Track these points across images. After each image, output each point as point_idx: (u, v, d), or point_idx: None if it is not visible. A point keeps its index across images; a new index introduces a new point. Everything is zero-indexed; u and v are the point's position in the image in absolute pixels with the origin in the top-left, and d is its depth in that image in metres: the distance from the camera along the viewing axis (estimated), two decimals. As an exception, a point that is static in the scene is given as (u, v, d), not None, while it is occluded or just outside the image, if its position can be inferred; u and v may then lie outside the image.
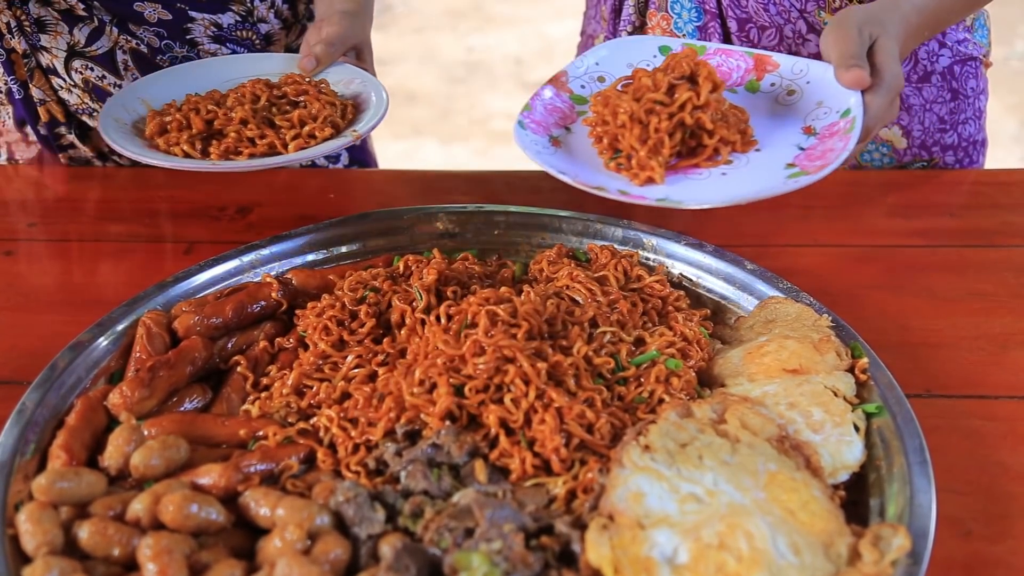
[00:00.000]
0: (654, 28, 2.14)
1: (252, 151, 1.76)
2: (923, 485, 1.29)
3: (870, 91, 1.62)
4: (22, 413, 1.38)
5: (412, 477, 1.29)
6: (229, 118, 1.80)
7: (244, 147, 1.77)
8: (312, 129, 1.78)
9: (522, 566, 1.15)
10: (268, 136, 1.77)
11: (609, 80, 1.73)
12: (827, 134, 1.61)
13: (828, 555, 1.20)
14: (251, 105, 1.82)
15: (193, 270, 1.67)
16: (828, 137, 1.60)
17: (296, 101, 1.88)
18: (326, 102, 1.85)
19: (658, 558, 1.17)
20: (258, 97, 1.86)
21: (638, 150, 1.57)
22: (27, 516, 1.21)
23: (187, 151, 1.76)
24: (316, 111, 1.82)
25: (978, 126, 2.21)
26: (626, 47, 1.79)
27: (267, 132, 1.78)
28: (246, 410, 1.47)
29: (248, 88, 1.88)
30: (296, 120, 1.80)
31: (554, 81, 1.72)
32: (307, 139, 1.78)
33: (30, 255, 1.91)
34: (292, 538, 1.19)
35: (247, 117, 1.78)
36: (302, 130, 1.79)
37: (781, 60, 1.76)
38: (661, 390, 1.42)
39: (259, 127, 1.79)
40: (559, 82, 1.72)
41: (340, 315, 1.56)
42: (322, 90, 1.91)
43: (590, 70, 1.75)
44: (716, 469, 1.28)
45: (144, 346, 1.52)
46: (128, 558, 1.20)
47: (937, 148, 2.17)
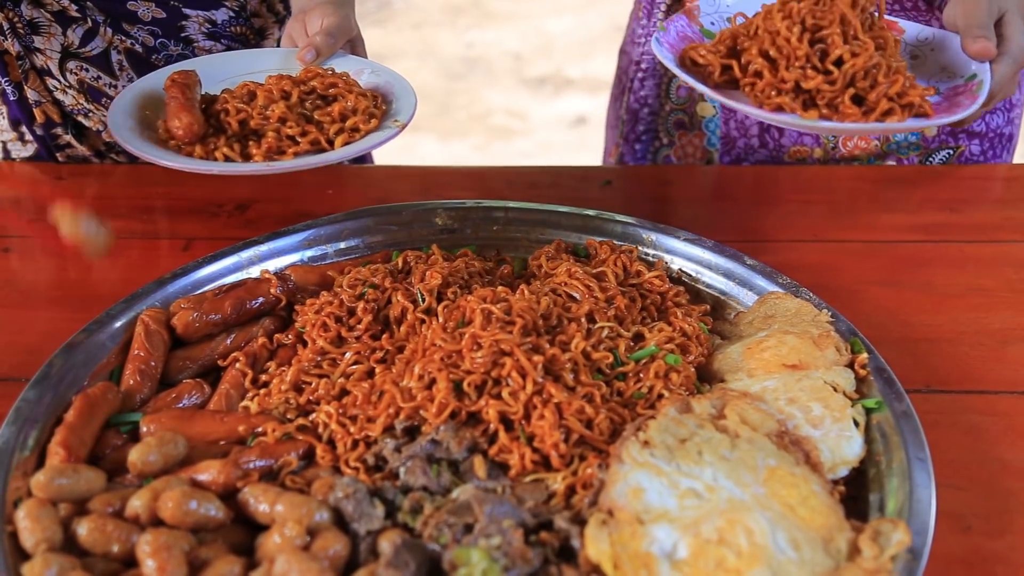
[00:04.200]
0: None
1: (296, 150, 1.70)
2: (923, 480, 1.28)
3: (996, 61, 1.68)
4: (20, 410, 1.38)
5: (411, 473, 1.29)
6: (265, 117, 1.71)
7: (287, 146, 1.70)
8: (355, 122, 1.71)
9: (521, 562, 1.14)
10: (310, 133, 1.71)
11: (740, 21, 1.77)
12: (952, 93, 1.67)
13: (828, 550, 1.20)
14: (284, 102, 1.74)
15: (191, 267, 1.67)
16: (954, 95, 1.66)
17: (326, 95, 1.80)
18: (358, 94, 1.79)
19: (658, 553, 1.17)
20: (288, 93, 1.76)
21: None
22: (26, 513, 1.21)
23: (228, 155, 1.70)
24: (354, 103, 1.75)
25: (1007, 119, 2.20)
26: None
27: (309, 129, 1.71)
28: (245, 406, 1.47)
29: (275, 84, 1.78)
30: (337, 114, 1.73)
31: (687, 12, 1.76)
32: (351, 133, 1.72)
33: (27, 252, 1.90)
34: (291, 534, 1.19)
35: (285, 115, 1.72)
36: (345, 124, 1.73)
37: (907, 26, 1.80)
38: (660, 385, 1.42)
39: (299, 124, 1.73)
40: (691, 14, 1.77)
41: (339, 312, 1.56)
42: (349, 82, 1.84)
43: (722, 10, 1.81)
44: (715, 464, 1.28)
45: (143, 343, 1.51)
46: (127, 554, 1.20)
47: (964, 135, 2.16)
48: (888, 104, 1.56)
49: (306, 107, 1.75)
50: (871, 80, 1.56)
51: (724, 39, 1.68)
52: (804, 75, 1.57)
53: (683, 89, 2.28)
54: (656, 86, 2.31)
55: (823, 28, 1.58)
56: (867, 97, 1.56)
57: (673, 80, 2.28)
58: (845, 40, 1.58)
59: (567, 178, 2.12)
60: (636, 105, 2.35)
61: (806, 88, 1.57)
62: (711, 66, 1.65)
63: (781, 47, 1.58)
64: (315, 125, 1.71)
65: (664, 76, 2.29)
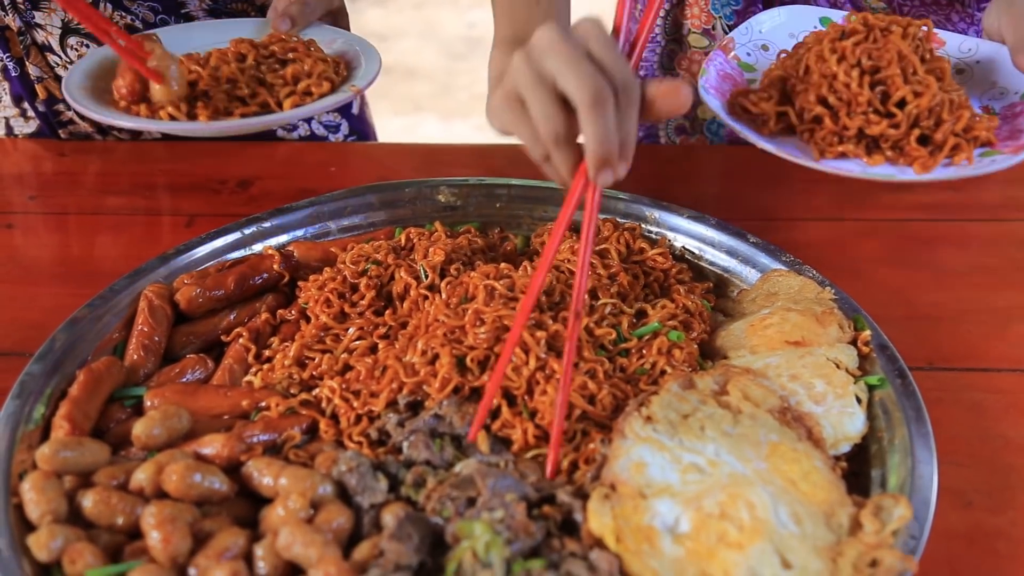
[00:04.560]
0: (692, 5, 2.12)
1: (244, 111, 1.67)
2: (925, 456, 1.29)
3: None
4: (25, 384, 1.38)
5: (414, 447, 1.29)
6: (215, 78, 1.70)
7: (235, 107, 1.68)
8: (308, 85, 1.67)
9: (524, 535, 1.15)
10: (260, 94, 1.68)
11: (773, 49, 1.73)
12: (1010, 115, 1.59)
13: (829, 525, 1.20)
14: (237, 64, 1.72)
15: (194, 242, 1.67)
16: (1012, 117, 1.58)
17: (285, 59, 1.78)
18: (317, 58, 1.77)
19: (660, 527, 1.18)
20: (244, 56, 1.75)
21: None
22: (31, 485, 1.21)
23: (172, 114, 1.67)
24: (310, 67, 1.73)
25: None
26: (788, 16, 1.78)
27: (258, 91, 1.69)
28: (248, 381, 1.47)
29: (232, 47, 1.77)
30: (290, 77, 1.70)
31: (723, 47, 1.72)
32: (302, 96, 1.69)
33: (29, 228, 1.90)
34: (295, 507, 1.19)
35: (235, 75, 1.68)
36: (297, 87, 1.70)
37: (947, 37, 1.73)
38: (663, 362, 1.42)
39: (249, 85, 1.70)
40: (727, 48, 1.72)
41: (341, 288, 1.56)
42: (311, 48, 1.83)
43: (755, 39, 1.75)
44: (718, 440, 1.28)
45: (146, 318, 1.52)
46: (132, 527, 1.20)
47: None
48: (955, 140, 1.50)
49: (261, 70, 1.72)
50: (935, 118, 1.50)
51: (774, 82, 1.61)
52: (867, 121, 1.50)
53: None
54: None
55: (881, 68, 1.51)
56: (933, 136, 1.49)
57: None
58: (905, 79, 1.51)
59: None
60: None
61: (870, 134, 1.51)
62: (765, 115, 1.58)
63: (840, 93, 1.51)
64: (266, 88, 1.69)
65: None
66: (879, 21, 1.56)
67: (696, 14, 2.11)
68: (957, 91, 1.55)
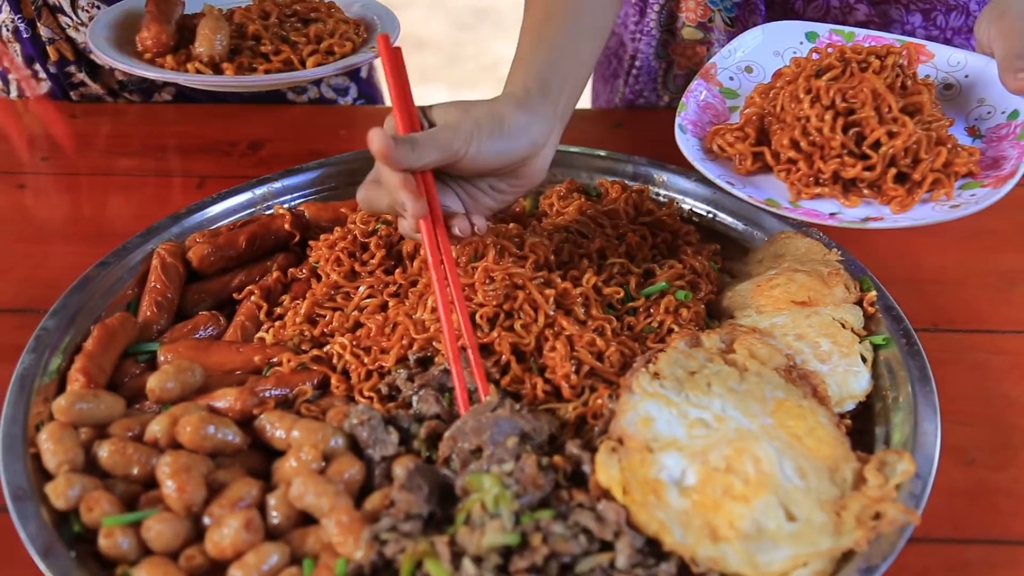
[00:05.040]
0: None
1: (268, 67, 1.69)
2: (928, 414, 1.30)
3: None
4: (40, 338, 1.40)
5: (424, 401, 1.31)
6: (241, 34, 1.72)
7: (259, 63, 1.70)
8: (331, 45, 1.70)
9: (533, 488, 1.17)
10: (284, 52, 1.70)
11: (757, 70, 1.68)
12: (995, 138, 1.52)
13: (834, 479, 1.22)
14: (261, 21, 1.74)
15: (206, 202, 1.69)
16: (996, 141, 1.51)
17: (308, 19, 1.80)
18: (339, 19, 1.78)
19: (666, 480, 1.20)
20: (268, 14, 1.77)
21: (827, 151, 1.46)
22: (48, 435, 1.23)
23: (199, 68, 1.70)
24: (332, 27, 1.74)
25: None
26: (771, 34, 1.72)
27: (282, 48, 1.71)
28: (260, 338, 1.49)
29: (255, 5, 1.79)
30: (312, 36, 1.72)
31: (704, 75, 1.65)
32: (325, 56, 1.71)
33: (42, 189, 1.92)
34: (307, 458, 1.21)
35: (260, 32, 1.70)
36: (319, 46, 1.71)
37: (935, 50, 1.65)
38: (670, 320, 1.44)
39: (272, 43, 1.72)
40: (708, 75, 1.65)
41: (352, 247, 1.58)
42: (332, 9, 1.84)
43: (737, 61, 1.69)
44: (724, 396, 1.30)
45: (159, 275, 1.53)
46: (147, 477, 1.23)
47: None
48: (935, 175, 1.44)
49: (284, 28, 1.73)
50: (912, 156, 1.44)
51: (751, 120, 1.55)
52: (842, 164, 1.45)
53: (679, 78, 2.25)
54: (652, 80, 2.29)
55: (856, 110, 1.45)
56: (911, 175, 1.44)
57: (669, 71, 2.25)
58: (880, 119, 1.45)
59: (578, 120, 2.10)
60: (631, 96, 2.33)
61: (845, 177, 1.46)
62: (741, 155, 1.53)
63: (814, 137, 1.46)
64: (290, 46, 1.70)
65: (660, 69, 2.26)
66: (856, 54, 1.51)
67: (691, 7, 2.11)
68: (938, 121, 1.48)
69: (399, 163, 1.29)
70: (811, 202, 1.43)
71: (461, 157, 1.33)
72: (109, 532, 1.14)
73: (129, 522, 1.16)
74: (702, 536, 1.15)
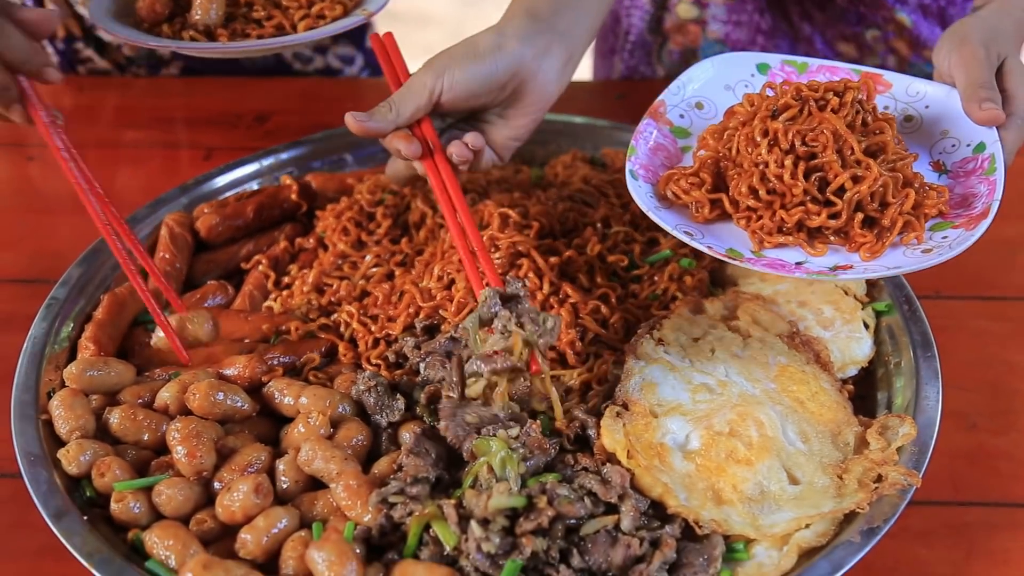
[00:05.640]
0: None
1: (260, 32, 1.69)
2: (930, 378, 1.31)
3: (1004, 126, 1.40)
4: (51, 307, 1.42)
5: (431, 368, 1.32)
6: (235, 2, 1.71)
7: (252, 29, 1.69)
8: (321, 8, 1.69)
9: (539, 451, 1.18)
10: (275, 16, 1.70)
11: (708, 106, 1.56)
12: (962, 173, 1.42)
13: (836, 443, 1.24)
14: None
15: (213, 173, 1.70)
16: (964, 176, 1.41)
17: None
18: None
19: (670, 444, 1.21)
20: None
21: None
22: (60, 402, 1.25)
23: (194, 36, 1.70)
24: None
25: None
26: (722, 67, 1.60)
27: (274, 13, 1.71)
28: (268, 306, 1.50)
29: None
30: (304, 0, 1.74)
31: (653, 113, 1.53)
32: (316, 19, 1.70)
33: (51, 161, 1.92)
34: (316, 424, 1.23)
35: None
36: (311, 10, 1.71)
37: (893, 79, 1.54)
38: (674, 288, 1.45)
39: (264, 8, 1.72)
40: (657, 113, 1.54)
41: (358, 216, 1.59)
42: None
43: (687, 97, 1.57)
44: (728, 362, 1.31)
45: (168, 245, 1.55)
46: (157, 443, 1.24)
47: None
48: (905, 219, 1.33)
49: None
50: (879, 200, 1.33)
51: (706, 165, 1.41)
52: (806, 213, 1.32)
53: (675, 53, 2.24)
54: (646, 55, 2.28)
55: (816, 154, 1.33)
56: (880, 219, 1.33)
57: (664, 46, 2.24)
58: (844, 163, 1.33)
59: (582, 92, 2.13)
60: (626, 72, 2.33)
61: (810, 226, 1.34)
62: (698, 202, 1.38)
63: (774, 184, 1.33)
64: (281, 11, 1.70)
65: (654, 44, 2.25)
66: (813, 92, 1.39)
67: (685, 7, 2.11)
68: (903, 159, 1.37)
69: (382, 129, 1.39)
70: (775, 251, 1.32)
71: (441, 92, 1.39)
72: (120, 497, 1.16)
73: (140, 487, 1.17)
74: (706, 499, 1.16)
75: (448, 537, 1.09)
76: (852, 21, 2.06)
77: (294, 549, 1.11)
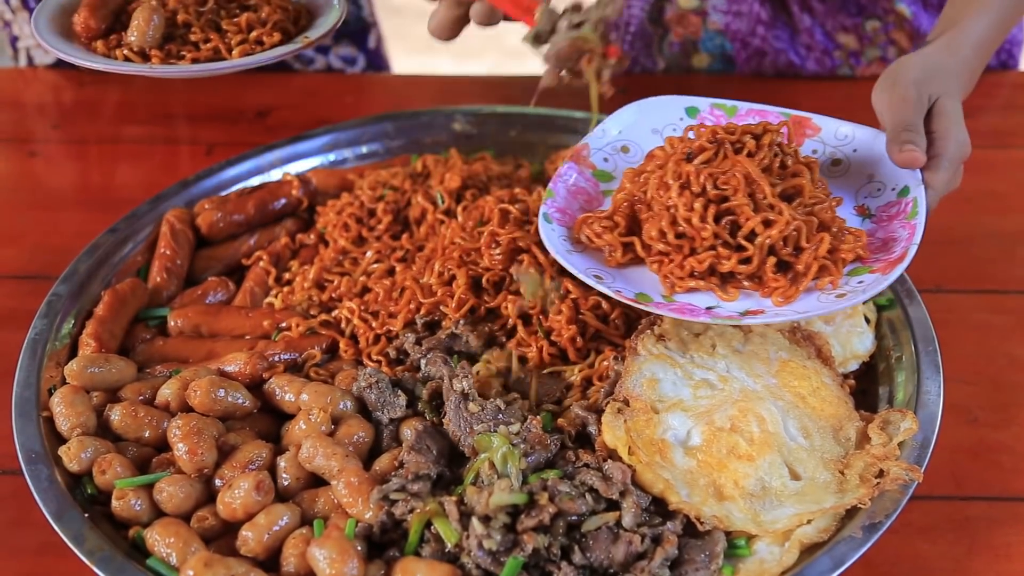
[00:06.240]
0: None
1: (196, 56, 1.68)
2: (931, 373, 1.31)
3: (930, 168, 1.36)
4: (52, 304, 1.42)
5: (432, 364, 1.32)
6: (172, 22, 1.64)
7: (188, 50, 1.70)
8: (259, 35, 1.67)
9: (540, 447, 1.18)
10: (212, 40, 1.69)
11: (634, 149, 1.54)
12: (885, 217, 1.39)
13: (837, 438, 1.24)
14: (196, 8, 1.67)
15: (214, 169, 1.70)
16: (887, 221, 1.38)
17: (247, 5, 1.71)
18: (277, 6, 1.72)
19: (672, 440, 1.21)
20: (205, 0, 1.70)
21: None
22: (61, 399, 1.25)
23: (128, 56, 1.68)
24: (266, 15, 1.69)
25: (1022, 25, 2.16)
26: (649, 111, 1.58)
27: (211, 36, 1.69)
28: (269, 303, 1.50)
29: None
30: (244, 24, 1.71)
31: (575, 156, 1.51)
32: (253, 45, 1.68)
33: (52, 157, 1.93)
34: (317, 421, 1.23)
35: (190, 20, 1.69)
36: (249, 35, 1.70)
37: (823, 123, 1.52)
38: (675, 283, 1.44)
39: (203, 31, 1.70)
40: (580, 156, 1.52)
41: (359, 212, 1.59)
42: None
43: (612, 140, 1.55)
44: (729, 357, 1.31)
45: (169, 242, 1.55)
46: (159, 440, 1.24)
47: None
48: (820, 263, 1.29)
49: (221, 15, 1.71)
50: (793, 245, 1.30)
51: (620, 208, 1.39)
52: (717, 258, 1.29)
53: (675, 44, 2.23)
54: (646, 46, 2.28)
55: (728, 197, 1.31)
56: (794, 265, 1.30)
57: (665, 37, 2.24)
58: (756, 207, 1.30)
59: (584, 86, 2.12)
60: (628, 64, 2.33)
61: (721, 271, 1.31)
62: (611, 246, 1.36)
63: (683, 229, 1.31)
64: (220, 35, 1.68)
65: (655, 35, 2.24)
66: (729, 134, 1.36)
67: None
68: (822, 203, 1.34)
69: None
70: (686, 295, 1.30)
71: None
72: (122, 494, 1.16)
73: (141, 484, 1.18)
74: (707, 495, 1.16)
75: (449, 534, 1.09)
76: (852, 12, 2.06)
77: (295, 546, 1.11)
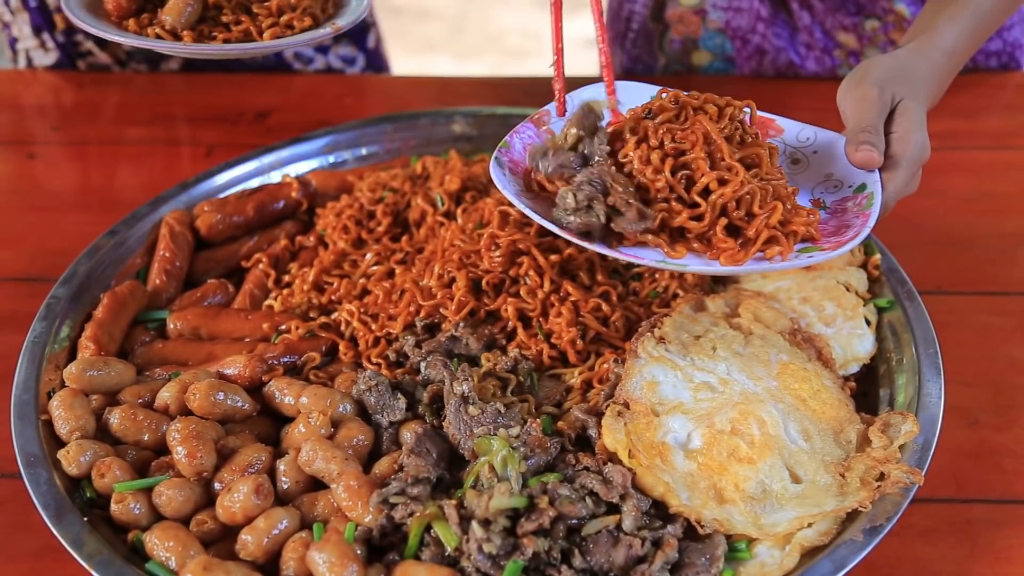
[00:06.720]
0: None
1: (227, 36, 1.68)
2: (932, 376, 1.31)
3: (888, 168, 1.36)
4: (51, 306, 1.41)
5: (432, 367, 1.32)
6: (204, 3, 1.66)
7: (219, 31, 1.70)
8: (290, 19, 1.68)
9: (540, 450, 1.18)
10: (244, 22, 1.69)
11: None
12: (839, 209, 1.40)
13: (838, 441, 1.23)
14: None
15: (214, 170, 1.69)
16: (843, 212, 1.39)
17: None
18: None
19: (672, 443, 1.21)
20: None
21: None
22: (60, 402, 1.25)
23: (160, 34, 1.69)
24: (296, 1, 1.74)
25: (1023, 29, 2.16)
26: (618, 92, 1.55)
27: (242, 18, 1.70)
28: (269, 305, 1.50)
29: None
30: (274, 8, 1.71)
31: (535, 120, 1.49)
32: (284, 29, 1.69)
33: (51, 158, 1.93)
34: (316, 424, 1.23)
35: (221, 3, 1.70)
36: (279, 19, 1.71)
37: (786, 125, 1.52)
38: (675, 285, 1.45)
39: (234, 12, 1.71)
40: (540, 121, 1.50)
41: (359, 214, 1.59)
42: None
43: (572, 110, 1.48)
44: (729, 359, 1.31)
45: (168, 244, 1.54)
46: (158, 443, 1.24)
47: (981, 56, 2.14)
48: (770, 232, 1.29)
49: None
50: (746, 209, 1.29)
51: None
52: (669, 211, 1.28)
53: (676, 42, 2.23)
54: (648, 44, 2.28)
55: (685, 152, 1.30)
56: (744, 229, 1.29)
57: (665, 34, 2.24)
58: (712, 165, 1.30)
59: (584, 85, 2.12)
60: (629, 63, 2.33)
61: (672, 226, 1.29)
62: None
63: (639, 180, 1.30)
64: (251, 17, 1.69)
65: (656, 31, 2.25)
66: (692, 100, 1.36)
67: None
68: (778, 180, 1.35)
69: None
70: (634, 248, 1.28)
71: None
72: (121, 498, 1.16)
73: (140, 488, 1.17)
74: (708, 498, 1.16)
75: (449, 538, 1.09)
76: (851, 11, 2.06)
77: (295, 550, 1.11)
